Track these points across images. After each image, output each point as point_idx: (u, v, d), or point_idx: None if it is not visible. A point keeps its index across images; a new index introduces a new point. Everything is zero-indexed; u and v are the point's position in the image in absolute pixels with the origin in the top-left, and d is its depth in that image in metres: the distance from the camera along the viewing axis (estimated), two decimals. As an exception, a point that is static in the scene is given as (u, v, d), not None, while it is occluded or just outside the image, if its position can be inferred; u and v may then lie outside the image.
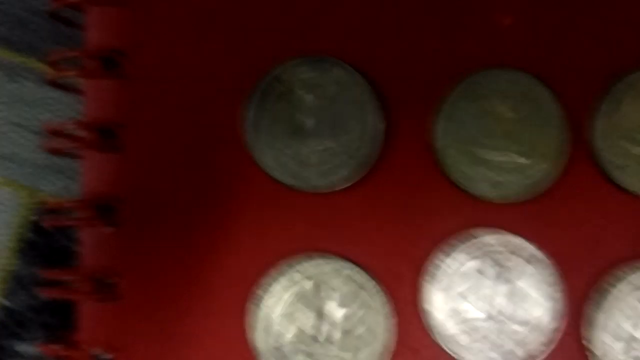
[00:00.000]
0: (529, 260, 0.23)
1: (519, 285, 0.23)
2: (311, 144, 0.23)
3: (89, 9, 0.24)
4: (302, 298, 0.23)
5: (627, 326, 0.23)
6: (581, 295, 0.23)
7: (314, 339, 0.22)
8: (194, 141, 0.24)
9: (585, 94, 0.24)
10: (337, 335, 0.22)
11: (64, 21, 0.25)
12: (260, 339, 0.22)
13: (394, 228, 0.24)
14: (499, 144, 0.24)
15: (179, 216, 0.23)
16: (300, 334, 0.22)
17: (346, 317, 0.22)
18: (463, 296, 0.23)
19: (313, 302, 0.23)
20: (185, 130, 0.24)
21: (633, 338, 0.23)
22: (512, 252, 0.23)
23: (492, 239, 0.23)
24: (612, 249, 0.24)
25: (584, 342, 0.23)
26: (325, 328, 0.22)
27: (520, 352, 0.23)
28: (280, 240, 0.23)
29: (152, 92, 0.24)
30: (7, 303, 0.27)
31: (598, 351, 0.23)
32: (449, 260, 0.23)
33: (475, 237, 0.23)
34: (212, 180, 0.24)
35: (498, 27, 0.24)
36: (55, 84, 0.24)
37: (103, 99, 0.24)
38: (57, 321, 0.27)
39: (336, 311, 0.22)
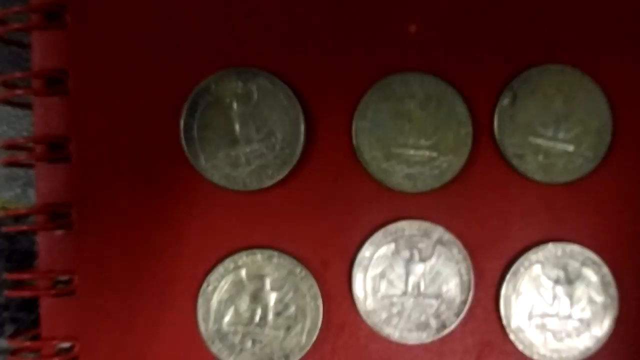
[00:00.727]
0: (440, 242, 0.26)
1: (430, 264, 0.26)
2: (246, 151, 0.26)
3: (33, 33, 0.26)
4: (237, 284, 0.25)
5: (537, 302, 0.26)
6: (489, 271, 0.26)
7: (250, 320, 0.25)
8: (135, 150, 0.26)
9: (487, 91, 0.27)
10: (270, 315, 0.25)
11: (15, 44, 0.27)
12: (204, 324, 0.25)
13: (319, 220, 0.26)
14: (410, 140, 0.26)
15: (127, 218, 0.26)
16: (238, 316, 0.25)
17: (278, 300, 0.25)
18: (381, 275, 0.26)
19: (248, 287, 0.25)
20: (127, 140, 0.26)
21: (544, 314, 0.26)
22: (424, 236, 0.26)
23: (406, 225, 0.26)
24: (515, 230, 0.26)
25: (496, 314, 0.26)
26: (259, 310, 0.25)
27: (434, 323, 0.26)
28: (220, 238, 0.26)
29: (95, 106, 0.26)
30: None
31: (511, 324, 0.26)
32: (368, 245, 0.26)
33: (391, 224, 0.26)
34: (154, 184, 0.26)
35: (407, 35, 0.27)
36: (9, 102, 0.26)
37: (50, 114, 0.26)
38: (24, 316, 0.30)
39: (268, 295, 0.25)
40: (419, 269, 0.26)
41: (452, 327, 0.26)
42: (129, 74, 0.26)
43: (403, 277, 0.26)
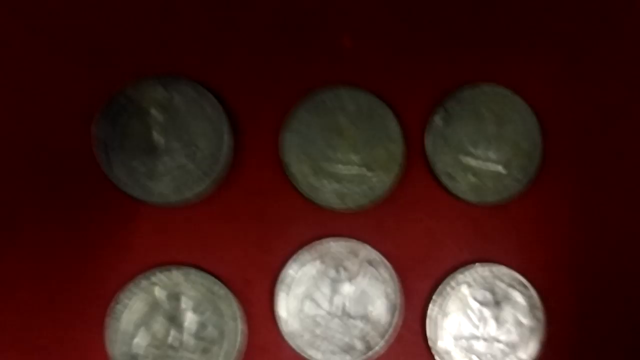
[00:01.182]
0: (367, 261, 0.25)
1: (357, 284, 0.25)
2: (165, 161, 0.24)
3: None
4: (155, 306, 0.24)
5: (463, 323, 0.26)
6: (416, 292, 0.26)
7: (163, 341, 0.24)
8: (41, 155, 0.24)
9: (419, 108, 0.26)
10: (189, 339, 0.24)
11: None
12: (117, 349, 0.24)
13: (245, 238, 0.25)
14: (342, 157, 0.25)
15: (30, 229, 0.24)
16: (155, 341, 0.24)
17: (198, 323, 0.24)
18: (306, 296, 0.25)
19: (166, 309, 0.24)
20: (31, 143, 0.24)
21: (471, 335, 0.26)
22: (353, 255, 0.25)
23: (334, 244, 0.25)
24: (444, 251, 0.26)
25: (422, 336, 0.25)
26: (177, 334, 0.24)
27: (359, 345, 0.25)
28: (136, 254, 0.25)
29: None
30: None
31: (437, 347, 0.25)
32: (294, 265, 0.25)
33: (319, 244, 0.25)
34: (65, 195, 0.24)
35: (341, 47, 0.26)
36: None
37: None
38: None
39: (188, 317, 0.24)
40: (345, 288, 0.25)
41: (377, 349, 0.25)
42: (36, 72, 0.24)
43: (328, 297, 0.25)
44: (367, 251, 0.25)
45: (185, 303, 0.24)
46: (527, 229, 0.26)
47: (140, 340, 0.24)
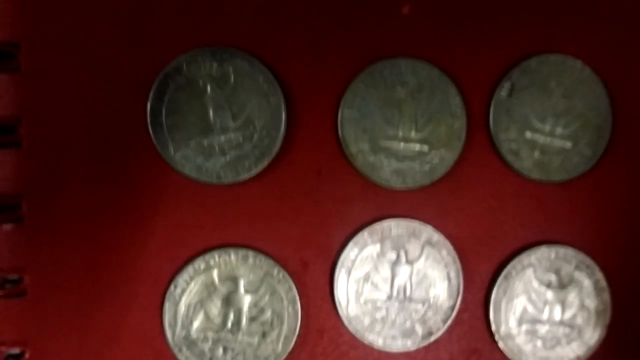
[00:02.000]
0: (428, 243, 0.24)
1: (417, 266, 0.24)
2: (221, 140, 0.23)
3: None
4: (209, 287, 0.23)
5: (528, 307, 0.25)
6: (478, 275, 0.25)
7: (221, 325, 0.23)
8: (96, 136, 0.23)
9: (483, 81, 0.25)
10: (243, 320, 0.23)
11: None
12: (170, 330, 0.23)
13: (302, 219, 0.24)
14: (400, 132, 0.24)
15: (85, 212, 0.23)
16: (208, 322, 0.23)
17: (253, 304, 0.23)
18: (365, 278, 0.24)
19: (220, 290, 0.23)
20: (86, 124, 0.23)
21: (535, 320, 0.25)
22: (412, 236, 0.24)
23: (393, 224, 0.24)
24: (507, 231, 0.25)
25: (484, 320, 0.25)
26: (231, 315, 0.23)
27: (420, 329, 0.24)
28: (193, 236, 0.24)
29: (50, 85, 0.23)
30: None
31: (500, 331, 0.24)
32: (351, 245, 0.24)
33: (378, 225, 0.24)
34: (118, 175, 0.23)
35: (399, 17, 0.24)
36: None
37: None
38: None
39: (243, 298, 0.23)
40: (405, 271, 0.24)
41: (439, 334, 0.24)
42: (89, 50, 0.23)
43: (388, 280, 0.24)
44: (428, 232, 0.24)
45: (243, 286, 0.23)
46: (594, 209, 0.25)
47: (199, 324, 0.23)
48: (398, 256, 0.24)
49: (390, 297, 0.24)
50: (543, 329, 0.25)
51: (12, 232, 0.23)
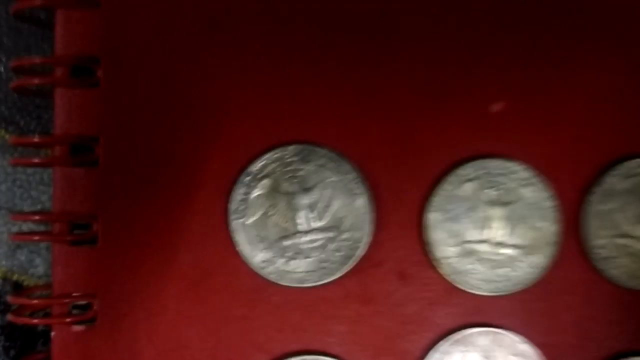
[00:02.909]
0: (515, 353, 0.23)
1: (506, 378, 0.23)
2: (297, 237, 0.22)
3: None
4: None
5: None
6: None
7: None
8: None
9: (576, 183, 0.23)
10: None
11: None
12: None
13: (380, 321, 0.23)
14: (489, 236, 0.23)
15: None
16: None
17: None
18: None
19: None
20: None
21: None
22: (499, 346, 0.23)
23: (478, 333, 0.23)
24: (600, 341, 0.23)
25: None
26: None
27: None
28: (267, 337, 0.23)
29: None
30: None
31: None
32: (435, 355, 0.23)
33: (461, 331, 0.23)
34: (192, 263, 0.22)
35: (488, 114, 0.23)
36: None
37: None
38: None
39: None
40: (491, 382, 0.23)
41: None
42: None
43: (474, 391, 0.23)
44: (515, 342, 0.23)
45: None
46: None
47: None
48: (485, 367, 0.23)
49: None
50: None
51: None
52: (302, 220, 0.22)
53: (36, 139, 0.22)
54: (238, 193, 0.22)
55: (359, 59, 0.23)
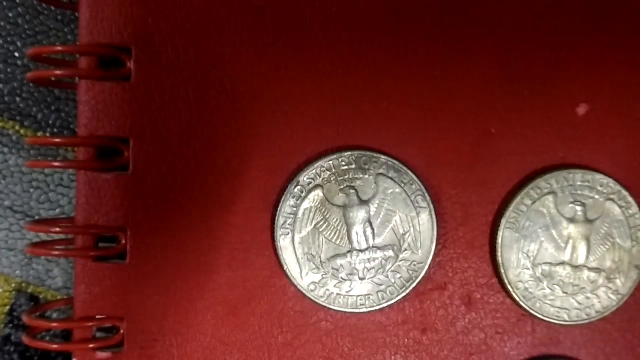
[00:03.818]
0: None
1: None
2: (351, 256, 0.20)
3: None
4: None
5: None
6: None
7: None
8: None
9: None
10: None
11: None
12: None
13: (442, 351, 0.20)
14: (569, 258, 0.20)
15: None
16: None
17: None
18: None
19: None
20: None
21: None
22: (577, 379, 0.20)
23: (555, 366, 0.20)
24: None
25: None
26: None
27: None
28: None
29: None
30: None
31: None
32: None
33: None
34: (235, 279, 0.20)
35: (572, 118, 0.20)
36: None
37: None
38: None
39: None
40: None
41: None
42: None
43: None
44: (595, 376, 0.20)
45: None
46: None
47: None
48: (560, 404, 0.20)
49: None
50: None
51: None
52: (358, 236, 0.20)
53: (57, 140, 0.19)
54: (286, 205, 0.20)
55: (427, 55, 0.20)
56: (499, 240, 0.20)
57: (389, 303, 0.20)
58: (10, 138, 0.23)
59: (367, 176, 0.20)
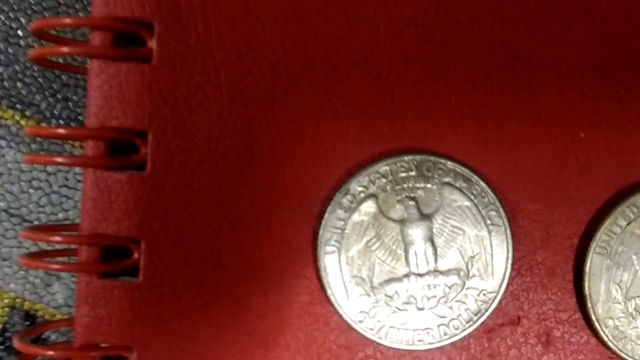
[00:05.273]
0: None
1: None
2: (408, 282, 0.16)
3: None
4: None
5: None
6: None
7: None
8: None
9: None
10: None
11: None
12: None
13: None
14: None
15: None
16: None
17: None
18: None
19: None
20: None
21: None
22: None
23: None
24: None
25: None
26: None
27: None
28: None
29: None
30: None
31: None
32: None
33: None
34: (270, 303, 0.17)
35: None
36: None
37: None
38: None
39: None
40: None
41: None
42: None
43: None
44: None
45: None
46: None
47: None
48: None
49: None
50: None
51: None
52: (417, 258, 0.17)
53: (62, 131, 0.16)
54: (332, 217, 0.16)
55: (505, 45, 0.17)
56: (586, 268, 0.17)
57: (452, 340, 0.17)
58: (8, 129, 0.20)
59: (430, 185, 0.17)
